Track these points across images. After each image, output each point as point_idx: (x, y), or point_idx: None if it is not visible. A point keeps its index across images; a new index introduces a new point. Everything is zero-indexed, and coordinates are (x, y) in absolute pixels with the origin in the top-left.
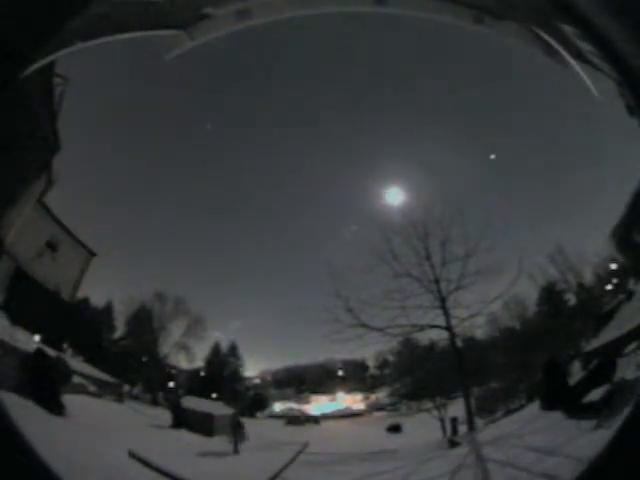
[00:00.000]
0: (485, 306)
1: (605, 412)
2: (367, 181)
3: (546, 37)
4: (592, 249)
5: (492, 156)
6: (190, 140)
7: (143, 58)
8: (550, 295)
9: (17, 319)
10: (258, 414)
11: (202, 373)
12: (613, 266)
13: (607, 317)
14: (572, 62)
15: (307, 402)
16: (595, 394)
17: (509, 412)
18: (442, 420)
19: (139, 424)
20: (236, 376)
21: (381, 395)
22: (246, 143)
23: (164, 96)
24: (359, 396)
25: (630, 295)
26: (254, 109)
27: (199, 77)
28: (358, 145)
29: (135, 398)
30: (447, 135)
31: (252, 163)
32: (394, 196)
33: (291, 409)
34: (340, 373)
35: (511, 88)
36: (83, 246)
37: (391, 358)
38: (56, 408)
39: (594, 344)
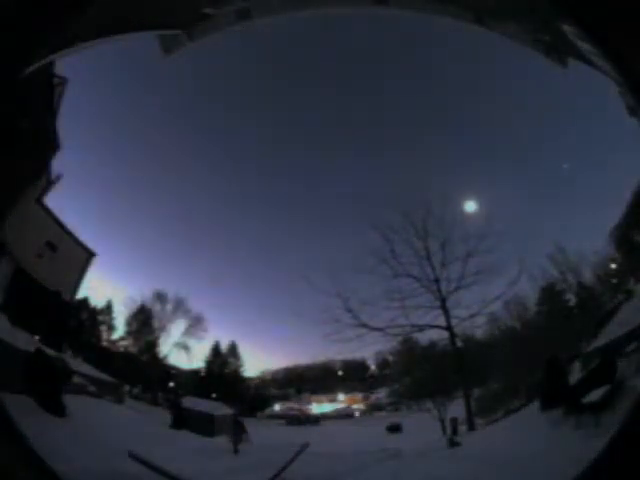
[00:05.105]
0: (485, 306)
1: (605, 412)
2: (367, 181)
3: (546, 37)
4: (592, 249)
5: (565, 165)
6: (190, 139)
7: (143, 58)
8: (550, 295)
9: (17, 319)
10: (258, 414)
11: (202, 373)
12: (613, 266)
13: (607, 317)
14: (572, 62)
15: (307, 402)
16: (595, 394)
17: (509, 412)
18: (442, 420)
19: (139, 424)
20: (236, 376)
21: (381, 395)
22: (244, 142)
23: (163, 95)
24: (359, 396)
25: (630, 295)
26: (253, 108)
27: (198, 77)
28: (357, 145)
29: (135, 398)
30: (446, 135)
31: (251, 163)
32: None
33: (291, 409)
34: (340, 373)
35: (511, 88)
36: (83, 246)
37: (391, 358)
38: (56, 408)
39: (594, 344)
